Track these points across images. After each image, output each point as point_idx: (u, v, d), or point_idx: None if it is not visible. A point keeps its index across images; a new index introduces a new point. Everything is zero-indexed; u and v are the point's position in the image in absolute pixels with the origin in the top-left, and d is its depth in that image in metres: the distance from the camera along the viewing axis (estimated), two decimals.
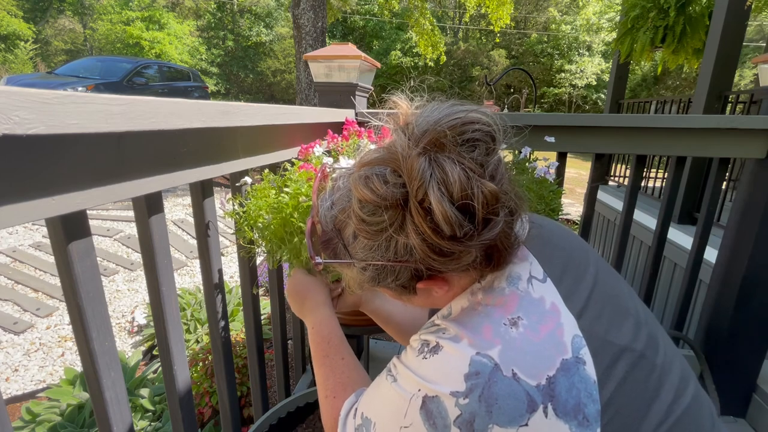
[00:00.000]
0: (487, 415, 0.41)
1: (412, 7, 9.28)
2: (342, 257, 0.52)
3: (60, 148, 0.48)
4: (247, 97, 19.33)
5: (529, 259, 0.53)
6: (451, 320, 0.50)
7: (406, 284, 0.50)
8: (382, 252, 0.47)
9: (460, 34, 21.17)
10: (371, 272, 0.50)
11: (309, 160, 1.07)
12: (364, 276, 0.51)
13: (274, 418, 0.84)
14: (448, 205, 0.41)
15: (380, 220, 0.44)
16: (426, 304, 0.58)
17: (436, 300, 0.55)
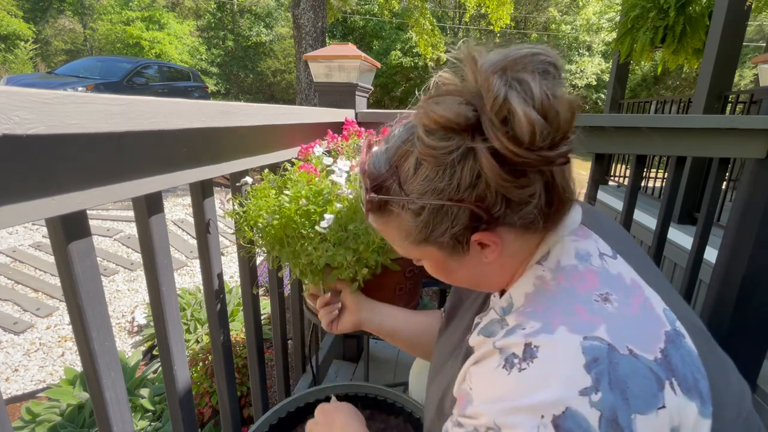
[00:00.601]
0: (624, 405, 0.36)
1: (412, 7, 9.28)
2: (397, 196, 0.47)
3: (60, 148, 0.48)
4: (247, 97, 19.33)
5: (592, 236, 0.50)
6: (522, 312, 0.45)
7: (460, 235, 0.46)
8: (445, 183, 0.43)
9: (460, 34, 21.17)
10: (426, 216, 0.46)
11: (309, 160, 1.07)
12: (416, 222, 0.47)
13: (274, 418, 0.84)
14: (530, 109, 0.38)
15: (449, 144, 0.42)
16: (471, 278, 0.53)
17: (484, 271, 0.51)
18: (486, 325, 0.50)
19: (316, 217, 0.86)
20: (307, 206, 0.86)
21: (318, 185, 0.91)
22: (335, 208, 0.86)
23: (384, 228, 0.53)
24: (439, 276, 0.55)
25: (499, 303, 0.50)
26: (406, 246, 0.52)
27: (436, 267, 0.53)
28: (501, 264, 0.50)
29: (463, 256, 0.49)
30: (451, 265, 0.51)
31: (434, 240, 0.48)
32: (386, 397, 0.90)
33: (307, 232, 0.85)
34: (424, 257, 0.53)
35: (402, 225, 0.49)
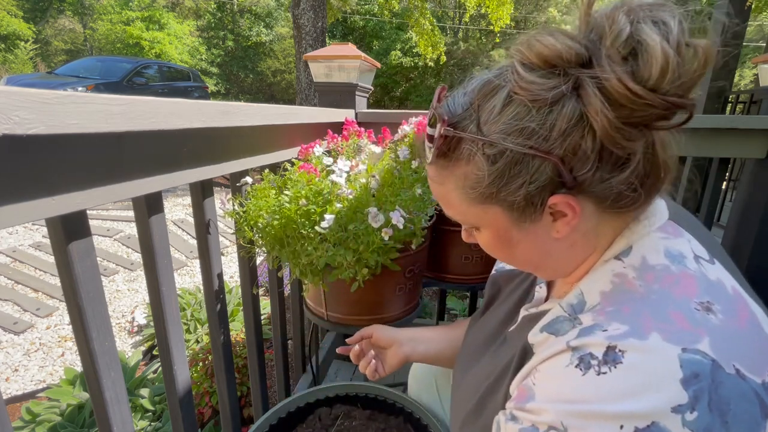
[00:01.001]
0: (723, 429, 0.32)
1: (412, 7, 9.27)
2: (472, 137, 0.41)
3: (60, 148, 0.48)
4: (247, 97, 19.33)
5: (684, 235, 0.44)
6: (601, 311, 0.40)
7: (535, 195, 0.40)
8: (536, 124, 0.38)
9: (460, 34, 21.17)
10: (503, 164, 0.40)
11: (309, 160, 1.07)
12: (489, 171, 0.41)
13: (274, 418, 0.84)
14: (666, 44, 0.33)
15: (550, 82, 0.37)
16: (533, 255, 0.47)
17: (550, 250, 0.45)
18: (551, 322, 0.45)
19: (316, 217, 0.86)
20: (307, 206, 0.86)
21: (318, 185, 0.91)
22: (335, 208, 0.86)
23: (444, 180, 0.46)
24: (495, 251, 0.49)
25: (567, 299, 0.45)
26: (467, 205, 0.45)
27: (495, 237, 0.47)
28: (571, 243, 0.45)
29: (531, 225, 0.43)
30: (514, 236, 0.45)
31: (503, 198, 0.42)
32: (386, 397, 0.90)
33: (307, 233, 0.85)
34: (483, 223, 0.46)
35: (469, 175, 0.43)
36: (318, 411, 0.90)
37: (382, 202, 0.89)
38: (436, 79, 18.88)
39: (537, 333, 0.46)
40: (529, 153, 0.39)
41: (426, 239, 0.98)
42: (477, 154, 0.41)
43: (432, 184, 0.49)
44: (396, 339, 0.79)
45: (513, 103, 0.39)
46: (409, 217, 0.88)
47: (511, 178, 0.40)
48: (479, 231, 0.49)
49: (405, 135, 1.27)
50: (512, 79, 0.39)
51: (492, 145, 0.40)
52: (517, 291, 0.63)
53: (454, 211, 0.48)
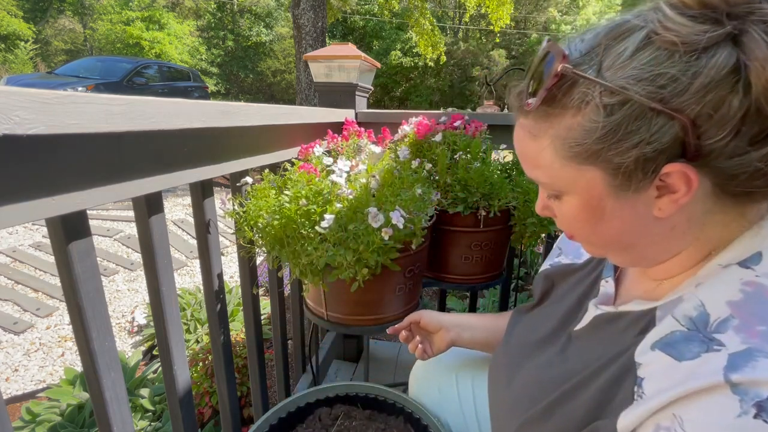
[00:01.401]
0: None
1: (412, 7, 9.28)
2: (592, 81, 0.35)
3: (60, 148, 0.48)
4: (247, 97, 19.34)
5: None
6: (747, 329, 0.32)
7: (649, 159, 0.35)
8: (677, 70, 0.32)
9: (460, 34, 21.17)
10: (620, 116, 0.34)
11: (309, 160, 1.07)
12: (601, 123, 0.35)
13: (274, 418, 0.84)
14: None
15: (703, 26, 0.32)
16: (625, 233, 0.41)
17: (646, 231, 0.39)
18: (665, 338, 0.37)
19: (316, 217, 0.86)
20: (307, 206, 0.86)
21: (318, 185, 0.91)
22: (335, 208, 0.86)
23: (541, 133, 0.40)
24: (577, 224, 0.43)
25: (682, 310, 0.37)
26: (560, 164, 0.39)
27: (583, 207, 0.41)
28: (672, 226, 0.38)
29: (631, 196, 0.37)
30: (607, 207, 0.39)
31: (609, 158, 0.36)
32: (386, 397, 0.90)
33: (307, 233, 0.85)
34: (573, 188, 0.40)
35: (574, 128, 0.37)
36: (318, 411, 0.90)
37: (382, 202, 0.89)
38: (436, 79, 18.88)
39: (646, 350, 0.38)
40: (656, 108, 0.33)
41: (426, 239, 0.98)
42: (592, 102, 0.35)
43: (521, 141, 0.43)
44: (442, 324, 0.79)
45: (650, 47, 0.34)
46: (409, 217, 0.88)
47: (627, 135, 0.34)
48: (562, 199, 0.43)
49: (405, 135, 1.27)
50: (655, 20, 0.34)
51: (613, 92, 0.34)
52: (579, 286, 0.57)
53: (541, 173, 0.42)
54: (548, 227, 1.13)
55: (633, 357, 0.39)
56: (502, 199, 1.09)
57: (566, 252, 0.66)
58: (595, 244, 0.46)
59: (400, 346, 1.99)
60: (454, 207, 1.10)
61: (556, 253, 0.69)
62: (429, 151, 1.19)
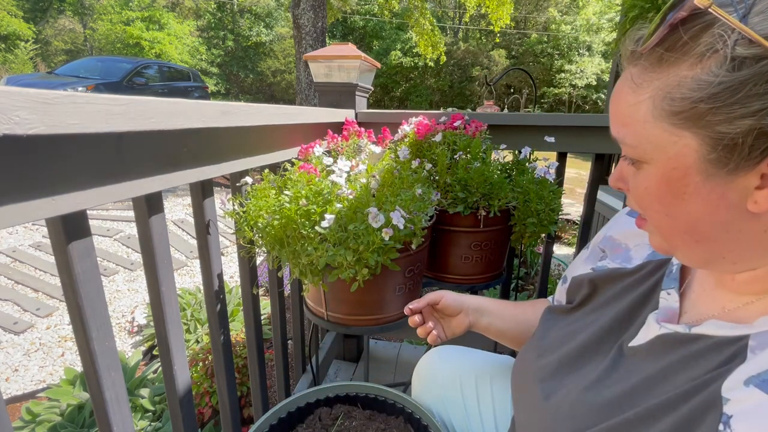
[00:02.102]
0: None
1: (412, 7, 9.28)
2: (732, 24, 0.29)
3: (60, 148, 0.48)
4: (247, 97, 19.34)
5: None
6: None
7: (763, 135, 0.29)
8: None
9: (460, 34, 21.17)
10: (749, 74, 0.29)
11: (309, 160, 1.07)
12: (723, 79, 0.30)
13: (274, 418, 0.84)
14: None
15: None
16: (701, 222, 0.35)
17: (731, 226, 0.34)
18: (761, 371, 0.32)
19: (316, 217, 0.86)
20: (307, 206, 0.86)
21: (318, 185, 0.91)
22: (335, 208, 0.86)
23: (645, 83, 0.35)
24: (652, 203, 0.38)
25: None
26: (655, 124, 0.34)
27: (664, 180, 0.35)
28: (764, 229, 0.33)
29: (725, 178, 0.32)
30: (691, 185, 0.34)
31: (715, 124, 0.31)
32: (386, 397, 0.90)
33: (307, 233, 0.85)
34: (660, 156, 0.35)
35: (687, 81, 0.31)
36: (318, 411, 0.90)
37: (382, 202, 0.89)
38: (436, 79, 18.88)
39: (738, 386, 0.33)
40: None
41: (426, 239, 0.98)
42: (720, 51, 0.30)
43: (619, 93, 0.37)
44: (464, 306, 0.75)
45: None
46: (409, 217, 0.88)
47: (747, 98, 0.29)
48: (642, 169, 0.37)
49: (405, 135, 1.27)
50: None
51: (752, 42, 0.28)
52: (629, 294, 0.51)
53: (629, 131, 0.36)
54: (548, 227, 1.13)
55: (719, 391, 0.34)
56: (502, 199, 1.09)
57: (613, 256, 0.59)
58: (665, 232, 0.39)
59: (400, 346, 1.99)
60: (454, 207, 1.10)
61: (598, 255, 0.61)
62: (429, 151, 1.19)
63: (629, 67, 0.37)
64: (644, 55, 0.35)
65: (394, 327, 1.03)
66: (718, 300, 0.41)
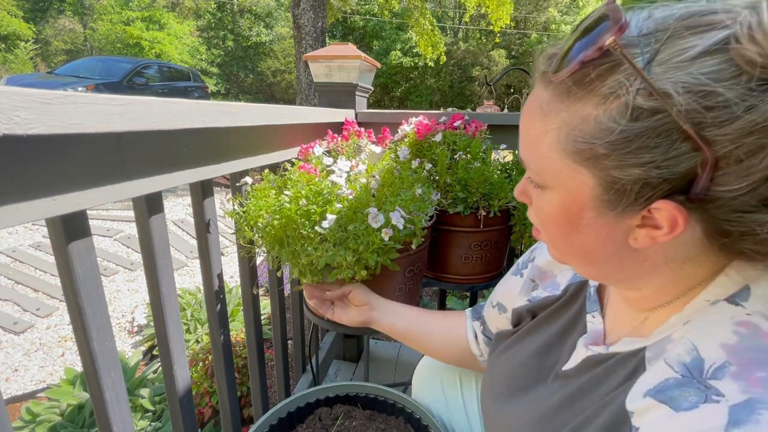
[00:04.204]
0: None
1: (412, 7, 9.27)
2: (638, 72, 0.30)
3: (60, 148, 0.48)
4: (247, 97, 19.34)
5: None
6: (746, 377, 0.30)
7: (649, 186, 0.31)
8: (734, 96, 0.27)
9: (460, 34, 21.17)
10: (643, 125, 0.30)
11: (309, 160, 1.07)
12: (621, 128, 0.31)
13: (274, 418, 0.84)
14: None
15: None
16: (592, 249, 0.38)
17: (615, 254, 0.37)
18: (659, 386, 0.34)
19: (316, 217, 0.86)
20: (307, 206, 0.86)
21: (318, 185, 0.91)
22: (335, 209, 0.86)
23: (552, 113, 0.36)
24: (549, 224, 0.40)
25: (674, 354, 0.35)
26: (557, 156, 0.35)
27: (562, 209, 0.38)
28: (646, 258, 0.36)
29: (614, 217, 0.34)
30: (584, 219, 0.36)
31: (609, 168, 0.32)
32: (386, 397, 0.90)
33: (307, 233, 0.85)
34: (559, 186, 0.37)
35: (589, 121, 0.33)
36: (318, 411, 0.90)
37: (382, 202, 0.89)
38: (436, 79, 18.88)
39: (638, 398, 0.36)
40: (688, 131, 0.28)
41: (426, 239, 0.97)
42: (622, 97, 0.31)
43: (529, 113, 0.38)
44: (369, 301, 0.81)
45: (721, 55, 0.28)
46: (409, 217, 0.88)
47: (640, 149, 0.30)
48: (544, 192, 0.39)
49: (405, 135, 1.27)
50: (746, 23, 0.27)
51: (652, 95, 0.29)
52: (559, 319, 0.55)
53: (534, 156, 0.38)
54: None
55: (624, 405, 0.37)
56: (502, 199, 1.09)
57: (543, 285, 0.63)
58: (561, 251, 0.43)
59: (400, 346, 1.99)
60: (454, 207, 1.10)
61: (530, 286, 0.65)
62: (429, 151, 1.19)
63: (540, 87, 0.38)
64: (554, 83, 0.36)
65: None
66: (627, 319, 0.44)
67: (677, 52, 0.29)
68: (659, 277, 0.37)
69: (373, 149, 1.14)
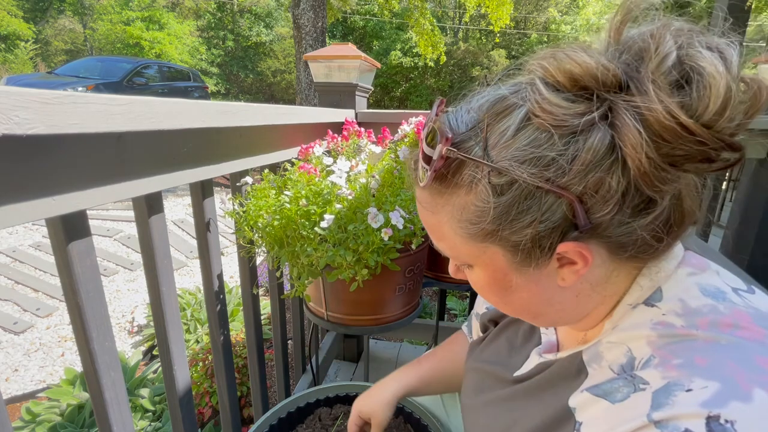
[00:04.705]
0: None
1: (412, 7, 9.27)
2: (478, 162, 0.35)
3: (60, 148, 0.48)
4: (247, 97, 19.34)
5: (710, 266, 0.40)
6: (666, 364, 0.34)
7: (544, 238, 0.35)
8: (556, 153, 0.33)
9: (460, 34, 21.17)
10: (510, 197, 0.34)
11: (309, 160, 1.07)
12: (493, 204, 0.35)
13: (274, 418, 0.84)
14: (727, 74, 0.29)
15: (577, 107, 0.33)
16: (532, 304, 0.42)
17: (553, 298, 0.41)
18: (599, 383, 0.38)
19: (316, 217, 0.86)
20: (307, 206, 0.86)
21: (318, 185, 0.91)
22: (335, 209, 0.86)
23: (437, 209, 0.40)
24: (488, 294, 0.44)
25: (612, 359, 0.39)
26: (461, 240, 0.39)
27: (490, 281, 0.42)
28: (577, 292, 0.40)
29: (534, 271, 0.38)
30: (512, 282, 0.40)
31: (507, 237, 0.36)
32: None
33: (307, 233, 0.85)
34: (477, 263, 0.41)
35: (468, 207, 0.37)
36: (318, 411, 0.90)
37: (382, 202, 0.89)
38: (436, 79, 18.88)
39: (578, 394, 0.40)
40: (543, 187, 0.33)
41: (426, 239, 0.97)
42: (481, 182, 0.35)
43: (422, 212, 0.43)
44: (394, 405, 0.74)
45: (530, 127, 0.34)
46: (409, 217, 0.88)
47: (519, 214, 0.35)
48: (472, 269, 0.43)
49: (405, 135, 1.27)
50: (532, 99, 0.34)
51: (500, 173, 0.34)
52: (516, 329, 0.59)
53: (445, 246, 0.42)
54: None
55: (567, 402, 0.41)
56: None
57: None
58: (508, 311, 0.47)
59: (400, 346, 1.99)
60: None
61: None
62: None
63: (418, 189, 0.42)
64: (426, 187, 0.40)
65: (394, 327, 1.03)
66: (574, 333, 0.49)
67: (499, 135, 0.35)
68: (592, 303, 0.41)
69: (373, 149, 1.14)
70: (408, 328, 1.84)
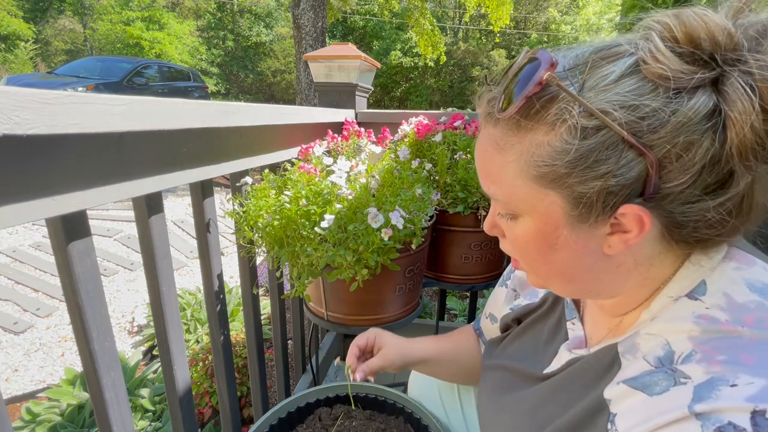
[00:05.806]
0: None
1: (412, 7, 9.27)
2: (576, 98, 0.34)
3: (60, 148, 0.48)
4: (247, 97, 19.34)
5: (756, 263, 0.39)
6: (709, 360, 0.33)
7: (612, 194, 0.34)
8: (658, 104, 0.32)
9: (460, 34, 21.18)
10: (593, 142, 0.33)
11: (309, 160, 1.07)
12: (573, 146, 0.34)
13: (274, 418, 0.84)
14: None
15: (690, 66, 0.32)
16: (571, 267, 0.41)
17: (593, 267, 0.40)
18: (635, 375, 0.38)
19: (316, 217, 0.86)
20: (307, 206, 0.86)
21: (318, 185, 0.91)
22: (335, 209, 0.86)
23: (508, 147, 0.38)
24: (527, 249, 0.42)
25: (649, 351, 0.38)
26: (522, 183, 0.38)
27: (537, 232, 0.40)
28: (618, 264, 0.39)
29: (587, 230, 0.37)
30: (560, 238, 0.39)
31: (574, 185, 0.35)
32: (386, 397, 0.90)
33: (307, 233, 0.85)
34: (531, 211, 0.39)
35: (544, 147, 0.36)
36: (318, 411, 0.90)
37: (382, 202, 0.89)
38: (436, 79, 18.88)
39: (615, 386, 0.39)
40: (629, 141, 0.32)
41: (426, 239, 0.97)
42: (568, 121, 0.34)
43: (485, 152, 0.41)
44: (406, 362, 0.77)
45: (637, 75, 0.33)
46: (409, 217, 0.88)
47: (595, 163, 0.34)
48: (517, 221, 0.41)
49: (405, 135, 1.27)
50: (646, 48, 0.33)
51: (592, 115, 0.33)
52: (541, 326, 0.58)
53: (500, 189, 0.40)
54: None
55: (602, 394, 0.40)
56: None
57: (523, 294, 0.66)
58: (540, 274, 0.45)
59: None
60: (454, 207, 1.10)
61: (512, 296, 0.68)
62: (429, 151, 1.19)
63: (488, 126, 0.41)
64: (502, 120, 0.38)
65: (394, 327, 1.03)
66: (605, 323, 0.48)
67: (600, 78, 0.34)
68: (630, 281, 0.40)
69: (373, 149, 1.14)
70: (408, 328, 1.83)
